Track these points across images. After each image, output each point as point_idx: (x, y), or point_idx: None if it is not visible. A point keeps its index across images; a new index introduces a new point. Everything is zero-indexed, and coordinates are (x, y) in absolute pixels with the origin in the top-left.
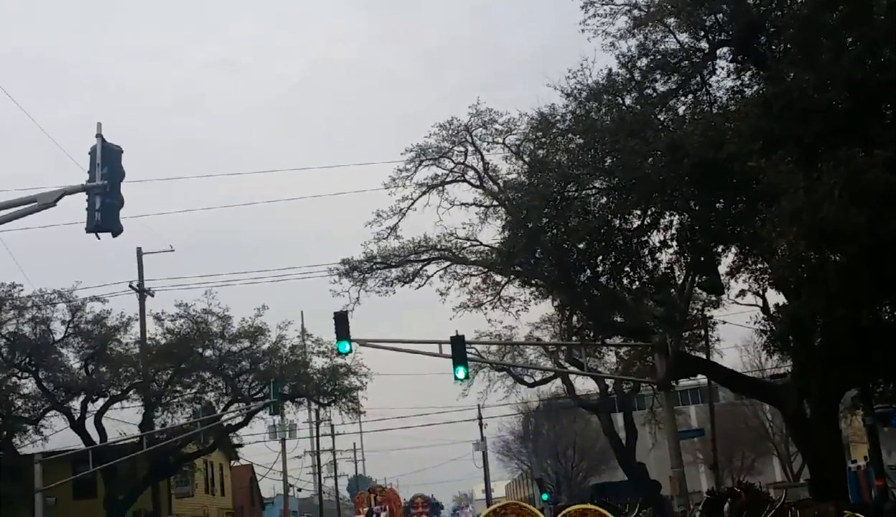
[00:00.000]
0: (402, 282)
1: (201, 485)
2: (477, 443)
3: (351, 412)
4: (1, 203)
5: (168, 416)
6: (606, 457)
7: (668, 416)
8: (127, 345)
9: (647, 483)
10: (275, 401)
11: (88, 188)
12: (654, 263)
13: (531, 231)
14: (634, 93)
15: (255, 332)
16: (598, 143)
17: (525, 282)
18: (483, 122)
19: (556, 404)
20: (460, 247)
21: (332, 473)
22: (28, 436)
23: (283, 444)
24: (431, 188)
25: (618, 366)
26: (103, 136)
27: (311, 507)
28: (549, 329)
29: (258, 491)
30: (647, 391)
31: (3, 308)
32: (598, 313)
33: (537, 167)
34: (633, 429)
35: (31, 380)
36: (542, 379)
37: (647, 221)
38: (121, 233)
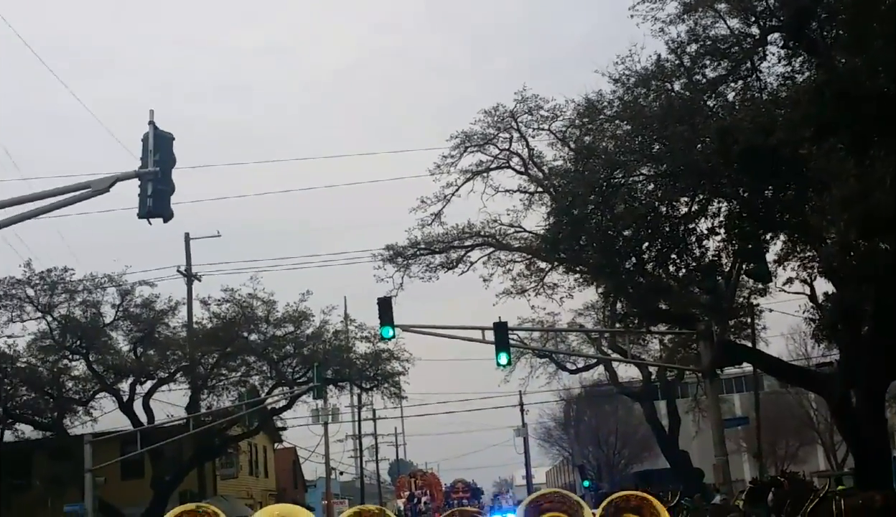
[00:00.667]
0: (445, 268)
1: (245, 466)
2: (518, 429)
3: (393, 397)
4: (56, 189)
5: (214, 399)
6: (649, 444)
7: (712, 404)
8: (174, 329)
9: (689, 471)
10: (318, 385)
11: (141, 174)
12: (701, 251)
13: (576, 218)
14: (683, 79)
15: (300, 317)
16: (646, 129)
17: (569, 269)
18: (529, 109)
19: (599, 391)
20: (504, 233)
21: (374, 457)
22: (78, 417)
23: (326, 428)
24: (476, 175)
25: (661, 354)
26: (155, 124)
27: (353, 490)
28: (592, 316)
29: (301, 473)
30: (690, 379)
31: (56, 291)
32: (643, 300)
33: (583, 154)
34: (676, 417)
35: (82, 362)
36: (584, 365)
37: (695, 208)
38: (171, 218)
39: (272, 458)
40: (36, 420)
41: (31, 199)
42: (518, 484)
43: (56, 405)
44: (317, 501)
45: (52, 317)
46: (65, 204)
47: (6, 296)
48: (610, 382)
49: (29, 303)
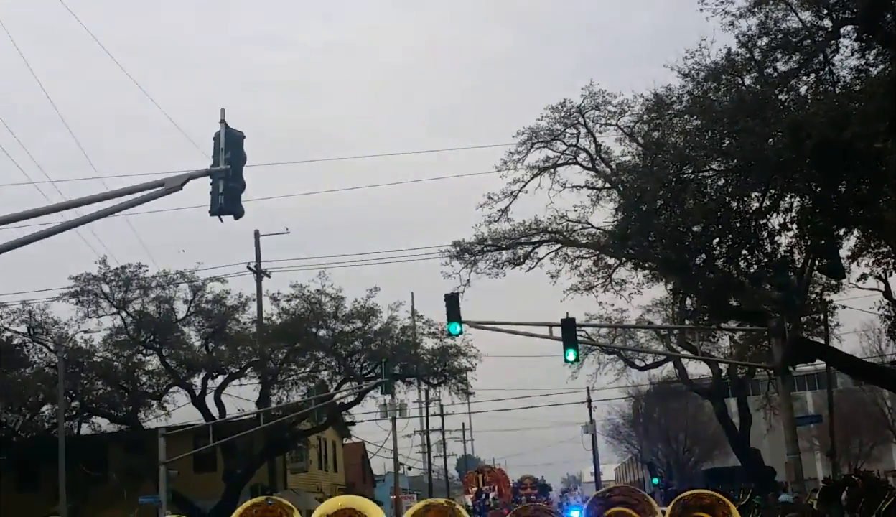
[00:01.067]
0: (512, 264)
1: (315, 461)
2: (586, 426)
3: (460, 393)
4: (131, 187)
5: (283, 394)
6: (719, 442)
7: (784, 402)
8: (245, 325)
9: (761, 469)
10: (386, 380)
11: (212, 172)
12: (772, 246)
13: (645, 213)
14: (754, 72)
15: (367, 313)
16: (717, 124)
17: (637, 265)
18: (596, 104)
19: (668, 388)
20: (571, 229)
21: (442, 453)
22: (152, 411)
23: (394, 423)
24: (543, 171)
25: (732, 351)
26: (227, 122)
27: (421, 485)
28: (661, 312)
29: (370, 468)
30: (762, 376)
31: (130, 288)
32: (713, 297)
33: (652, 149)
34: (747, 415)
35: (156, 357)
36: (653, 362)
37: (767, 203)
38: (242, 215)
39: (341, 453)
40: (112, 413)
41: (106, 197)
42: (586, 481)
43: (131, 399)
44: (385, 496)
45: (127, 313)
46: (139, 202)
47: (83, 292)
48: (679, 379)
49: (104, 298)
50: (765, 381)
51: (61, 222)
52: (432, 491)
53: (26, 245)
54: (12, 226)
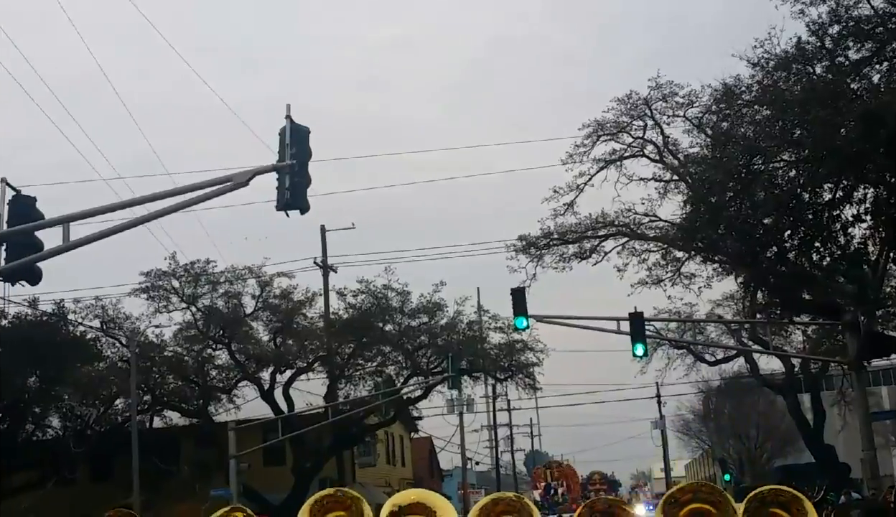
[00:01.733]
0: (578, 258)
1: (383, 455)
2: (655, 422)
3: (527, 388)
4: (198, 183)
5: (351, 388)
6: (792, 438)
7: (859, 398)
8: (312, 320)
9: (835, 466)
10: (453, 375)
11: (278, 168)
12: (846, 238)
13: (714, 206)
14: (825, 61)
15: (434, 308)
16: (787, 114)
17: (707, 259)
18: (663, 96)
19: (739, 383)
20: (639, 222)
21: (509, 448)
22: (222, 405)
23: (461, 418)
24: (609, 163)
25: (805, 345)
26: (292, 118)
27: (489, 481)
28: (731, 306)
29: (437, 463)
30: (836, 371)
31: (199, 283)
32: (785, 290)
33: (721, 140)
34: (820, 411)
35: (225, 351)
36: (723, 357)
37: (840, 195)
38: (308, 210)
39: (409, 447)
40: (182, 407)
41: (175, 194)
42: (656, 477)
43: (201, 393)
44: (453, 491)
45: (196, 308)
46: (207, 197)
47: (153, 287)
48: (751, 374)
49: (174, 294)
50: (839, 376)
51: (131, 218)
52: (500, 486)
53: (98, 241)
54: (85, 222)
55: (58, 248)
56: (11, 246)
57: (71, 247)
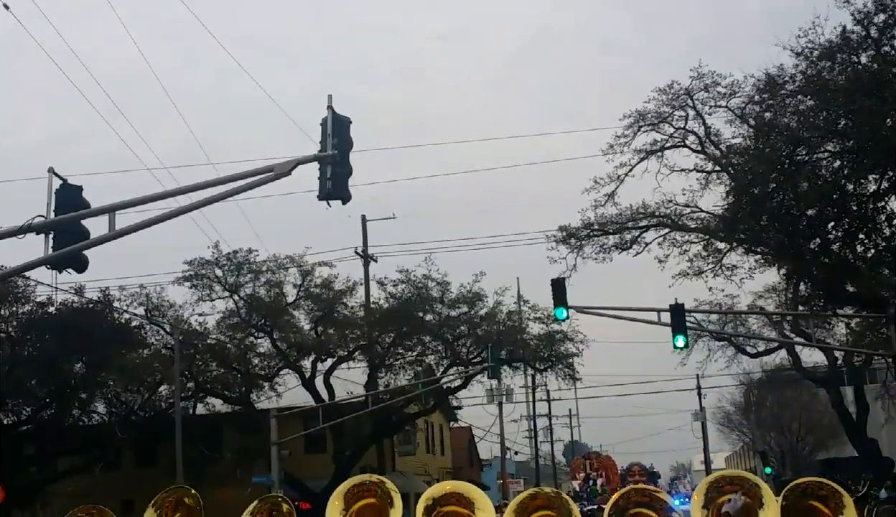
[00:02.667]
0: (619, 249)
1: (422, 444)
2: (696, 414)
3: (567, 378)
4: (241, 173)
5: (391, 377)
6: (835, 431)
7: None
8: (352, 309)
9: (879, 460)
10: (492, 365)
11: (320, 158)
12: (891, 230)
13: (757, 197)
14: (871, 50)
15: (473, 298)
16: (832, 103)
17: (749, 250)
18: (705, 86)
19: (781, 376)
20: (680, 213)
21: (549, 438)
22: (264, 393)
23: (500, 408)
24: (650, 154)
25: (848, 338)
26: (334, 108)
27: (528, 471)
28: (773, 298)
29: (476, 452)
30: (879, 364)
31: (241, 272)
32: (828, 282)
33: (764, 130)
34: (863, 404)
35: (267, 339)
36: (765, 349)
37: (885, 185)
38: (349, 200)
39: (448, 437)
40: (225, 394)
41: (218, 183)
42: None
43: (243, 380)
44: (492, 480)
45: (239, 297)
46: (249, 187)
47: (196, 276)
48: (793, 367)
49: (217, 282)
50: (883, 369)
51: (175, 208)
52: (539, 476)
53: (142, 230)
54: (129, 211)
55: (103, 236)
56: (58, 234)
57: (116, 235)
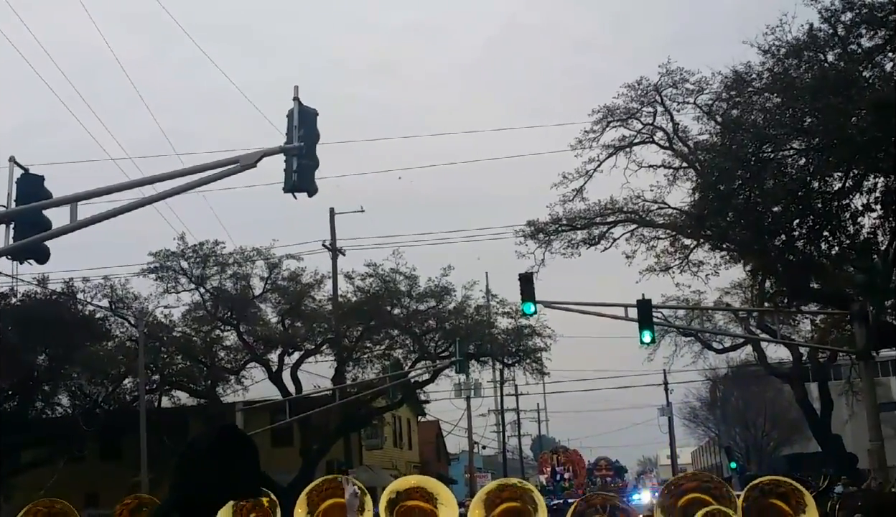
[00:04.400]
0: (587, 244)
1: (390, 438)
2: (662, 409)
3: (535, 373)
4: (207, 164)
5: (359, 371)
6: (799, 427)
7: (867, 388)
8: (320, 302)
9: (842, 456)
10: (460, 359)
11: (286, 150)
12: (855, 228)
13: (723, 193)
14: (837, 49)
15: (441, 292)
16: (798, 101)
17: (715, 246)
18: (673, 82)
19: (746, 372)
20: (648, 209)
21: (516, 433)
22: (230, 386)
23: (468, 402)
24: (619, 150)
25: (813, 334)
26: (300, 100)
27: (496, 465)
28: (739, 294)
29: (444, 446)
30: (843, 361)
31: (208, 264)
32: (794, 279)
33: (731, 127)
34: (828, 400)
35: (233, 332)
36: (731, 345)
37: (850, 184)
38: (315, 193)
39: (416, 431)
40: (191, 387)
41: (183, 174)
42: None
43: (209, 373)
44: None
45: (205, 289)
46: (215, 178)
47: (162, 268)
48: (758, 363)
49: (183, 274)
50: (847, 366)
51: (139, 199)
52: (506, 470)
53: (106, 220)
54: (93, 202)
55: (65, 227)
56: (19, 224)
57: (78, 226)
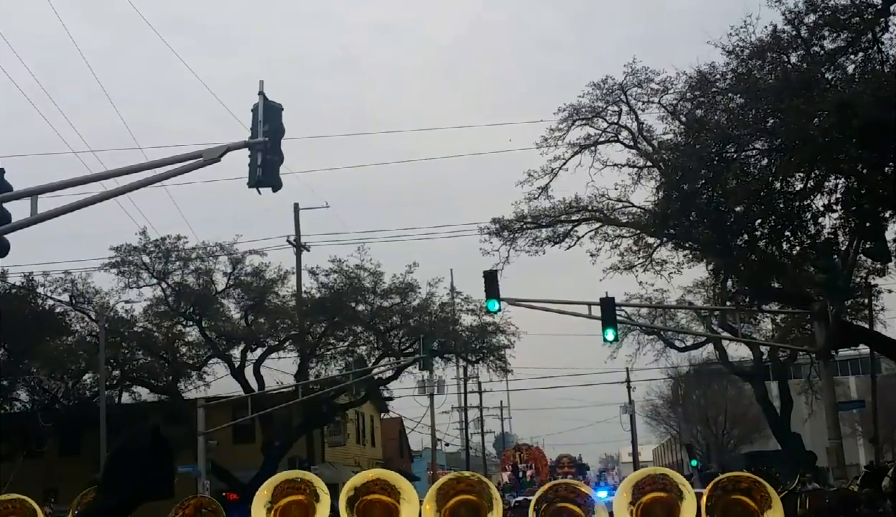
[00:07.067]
0: (552, 242)
1: (353, 435)
2: (625, 406)
3: (498, 370)
4: (170, 158)
5: (322, 368)
6: (759, 425)
7: (826, 387)
8: (284, 298)
9: (802, 454)
10: (424, 356)
11: (251, 144)
12: (816, 228)
13: (686, 193)
14: (800, 50)
15: (406, 289)
16: (761, 102)
17: (678, 245)
18: (638, 82)
19: (708, 370)
20: (612, 208)
21: (479, 430)
22: (192, 382)
23: (432, 399)
24: (584, 148)
25: (774, 333)
26: (265, 94)
27: (459, 462)
28: (702, 293)
29: (407, 443)
30: (804, 359)
31: (170, 259)
32: (755, 278)
33: (695, 127)
34: (788, 399)
35: (195, 328)
36: (693, 344)
37: (811, 184)
38: (280, 188)
39: (379, 428)
40: (152, 383)
41: (146, 168)
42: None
43: (171, 369)
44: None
45: (167, 284)
46: (178, 172)
47: (123, 262)
48: (720, 361)
49: (144, 269)
50: (807, 365)
51: (101, 192)
52: (469, 467)
53: (67, 214)
54: (54, 195)
55: (25, 220)
56: None
57: (39, 219)
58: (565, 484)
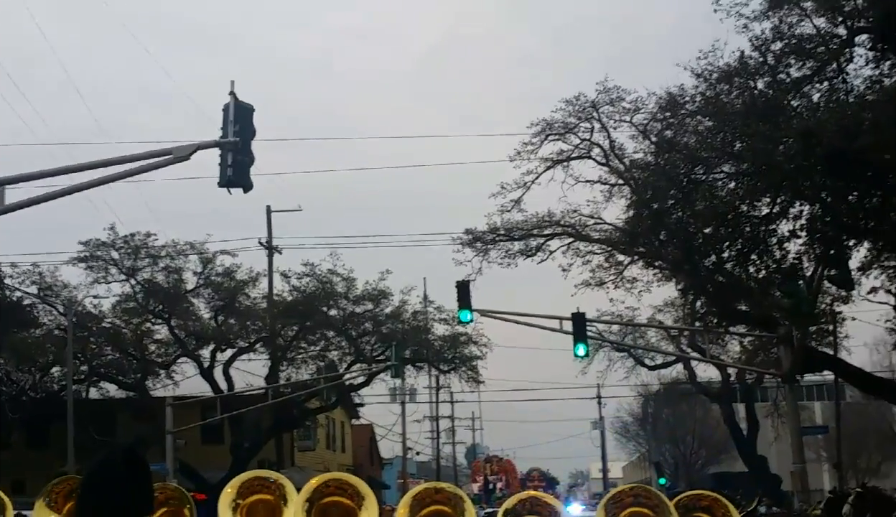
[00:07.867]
0: (524, 255)
1: (323, 440)
2: (595, 422)
3: (470, 381)
4: (138, 154)
5: (293, 371)
6: (726, 446)
7: (791, 411)
8: (255, 300)
9: (767, 476)
10: (396, 363)
11: (221, 144)
12: (781, 253)
13: (656, 212)
14: (767, 77)
15: (379, 296)
16: (728, 126)
17: (648, 264)
18: (610, 100)
19: (677, 389)
20: (584, 224)
21: (451, 440)
22: (160, 380)
23: (403, 408)
24: (556, 163)
25: (741, 356)
26: (236, 95)
27: (429, 471)
28: (671, 312)
29: (377, 451)
30: (770, 383)
31: (139, 256)
32: (722, 300)
33: (664, 147)
34: (754, 421)
35: (164, 326)
36: (662, 362)
37: (776, 209)
38: (251, 189)
39: (349, 434)
40: (120, 380)
41: (114, 163)
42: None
43: (139, 367)
44: (392, 479)
45: (136, 281)
46: (147, 169)
47: (92, 257)
48: (688, 381)
49: (113, 265)
50: (773, 388)
51: (70, 185)
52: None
53: (34, 205)
54: (23, 186)
55: None
56: None
57: (5, 210)
58: (534, 496)
